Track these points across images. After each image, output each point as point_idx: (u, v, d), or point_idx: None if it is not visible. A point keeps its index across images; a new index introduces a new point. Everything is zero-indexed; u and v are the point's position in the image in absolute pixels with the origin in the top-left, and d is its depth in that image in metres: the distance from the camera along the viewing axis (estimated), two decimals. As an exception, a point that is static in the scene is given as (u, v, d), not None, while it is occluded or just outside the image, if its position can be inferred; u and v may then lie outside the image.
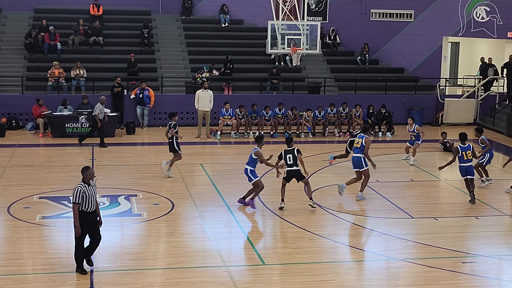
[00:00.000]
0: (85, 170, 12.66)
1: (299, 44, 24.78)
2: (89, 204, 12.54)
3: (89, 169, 12.69)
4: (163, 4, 34.64)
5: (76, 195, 12.45)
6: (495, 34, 31.12)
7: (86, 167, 12.73)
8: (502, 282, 13.09)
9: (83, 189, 12.48)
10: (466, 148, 17.84)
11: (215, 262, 13.52)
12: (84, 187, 12.51)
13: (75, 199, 12.45)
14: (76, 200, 12.45)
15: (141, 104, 27.49)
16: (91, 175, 12.65)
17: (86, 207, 12.53)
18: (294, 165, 16.89)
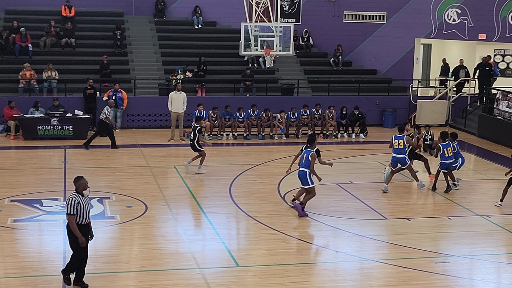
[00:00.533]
0: (78, 179, 11.87)
1: (272, 46, 24.77)
2: (83, 216, 11.80)
3: (82, 178, 11.89)
4: (136, 6, 34.51)
5: (70, 206, 11.65)
6: (466, 36, 31.38)
7: (79, 177, 11.96)
8: (474, 282, 13.19)
9: (77, 199, 11.70)
10: (447, 145, 18.62)
11: (188, 264, 13.48)
12: (78, 198, 11.73)
13: (71, 209, 11.64)
14: (72, 211, 11.64)
15: (114, 106, 27.29)
16: (84, 185, 11.84)
17: (80, 220, 11.80)
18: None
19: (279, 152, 24.33)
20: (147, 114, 28.16)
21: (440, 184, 19.22)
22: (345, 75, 32.28)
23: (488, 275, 13.55)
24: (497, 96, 26.83)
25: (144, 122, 28.13)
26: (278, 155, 23.68)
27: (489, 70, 29.76)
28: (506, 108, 26.02)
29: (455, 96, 30.52)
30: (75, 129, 25.49)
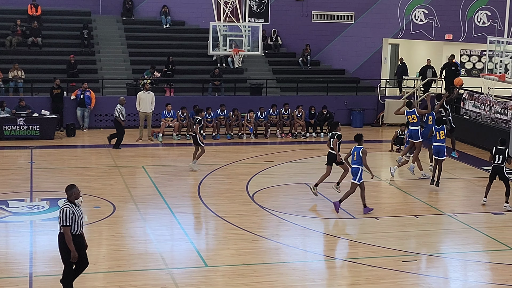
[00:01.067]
0: (70, 188, 11.41)
1: (241, 46, 24.76)
2: (77, 226, 11.35)
3: (74, 187, 11.43)
4: (103, 5, 34.27)
5: (66, 217, 11.16)
6: (433, 36, 31.65)
7: (71, 185, 11.49)
8: (442, 280, 13.30)
9: (71, 209, 11.23)
10: (440, 129, 19.09)
11: (157, 264, 13.42)
12: (72, 207, 11.27)
13: (67, 221, 11.16)
14: (68, 223, 11.16)
15: (82, 105, 27.10)
16: (77, 194, 11.41)
17: (75, 230, 11.34)
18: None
19: (248, 152, 24.33)
20: (115, 114, 27.97)
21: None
22: (313, 75, 32.38)
23: (455, 273, 13.68)
24: (463, 96, 27.08)
25: (112, 122, 27.89)
26: (247, 155, 23.68)
27: (455, 69, 30.02)
28: (473, 108, 26.28)
29: (422, 95, 30.74)
30: (41, 129, 25.24)
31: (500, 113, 24.59)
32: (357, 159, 16.92)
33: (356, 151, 16.97)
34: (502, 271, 13.64)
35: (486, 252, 14.81)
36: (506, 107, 24.31)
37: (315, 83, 31.49)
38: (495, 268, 13.86)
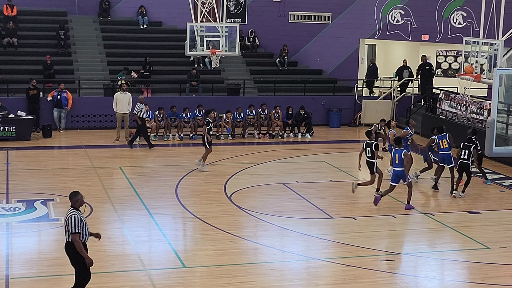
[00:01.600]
0: (75, 195, 11.14)
1: (218, 46, 24.76)
2: (85, 234, 11.14)
3: (78, 194, 11.17)
4: (80, 5, 34.08)
5: (75, 224, 10.89)
6: (410, 36, 31.82)
7: (76, 192, 11.21)
8: (419, 279, 13.38)
9: (79, 216, 10.97)
10: (442, 137, 19.14)
11: (135, 266, 13.38)
12: (79, 214, 11.01)
13: (76, 228, 10.90)
14: (77, 229, 10.89)
15: (59, 106, 26.92)
16: (81, 201, 11.18)
17: (83, 238, 11.13)
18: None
19: (225, 153, 24.31)
20: (92, 115, 27.85)
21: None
22: (291, 75, 32.42)
23: (432, 272, 13.76)
24: (440, 96, 27.26)
25: (89, 123, 27.82)
26: (224, 156, 23.66)
27: (429, 69, 30.24)
28: (449, 108, 26.45)
29: (399, 96, 30.93)
30: (18, 130, 25.05)
31: (476, 113, 24.78)
32: (399, 162, 17.37)
33: (398, 154, 17.42)
34: (479, 270, 13.75)
35: (463, 251, 14.91)
36: (481, 107, 24.49)
37: (293, 83, 31.55)
38: (472, 267, 13.97)
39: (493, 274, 13.51)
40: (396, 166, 17.54)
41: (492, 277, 13.39)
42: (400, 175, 17.46)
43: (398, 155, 17.38)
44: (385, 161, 20.49)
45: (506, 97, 20.33)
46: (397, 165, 17.47)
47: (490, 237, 15.64)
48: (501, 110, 22.40)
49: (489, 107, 23.79)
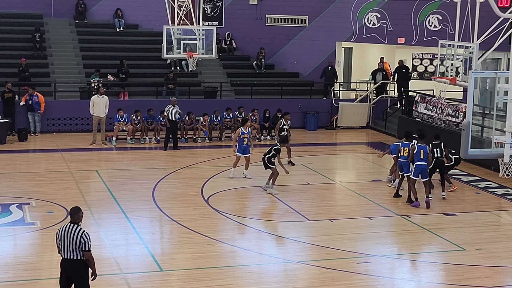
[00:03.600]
0: (78, 211, 10.89)
1: (195, 49, 24.72)
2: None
3: (81, 210, 10.95)
4: (56, 8, 33.85)
5: (90, 241, 10.69)
6: (386, 39, 31.99)
7: (78, 208, 10.99)
8: (395, 281, 13.44)
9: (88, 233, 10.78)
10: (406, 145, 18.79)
11: (111, 269, 13.31)
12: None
13: (90, 245, 10.71)
14: (91, 247, 10.75)
15: (31, 110, 26.67)
16: (82, 217, 10.95)
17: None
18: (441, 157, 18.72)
19: (202, 156, 24.28)
20: (68, 118, 27.69)
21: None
22: (267, 78, 32.45)
23: (409, 274, 13.84)
24: (415, 99, 27.41)
25: (65, 126, 27.65)
26: (201, 159, 23.63)
27: (406, 72, 30.41)
28: (425, 110, 26.60)
29: (375, 98, 31.07)
30: (-7, 133, 24.85)
31: (451, 115, 24.95)
32: (424, 157, 18.07)
33: (423, 150, 18.10)
34: (455, 272, 13.84)
35: (439, 253, 15.00)
36: (457, 109, 24.67)
37: (270, 86, 31.56)
38: (448, 268, 14.06)
39: (469, 276, 13.60)
40: (422, 160, 18.01)
41: (468, 278, 13.48)
42: (425, 170, 18.10)
43: (424, 151, 18.01)
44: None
45: (481, 99, 20.49)
46: (422, 159, 17.99)
47: (466, 239, 15.75)
48: (476, 112, 22.58)
49: (464, 110, 23.97)
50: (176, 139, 24.87)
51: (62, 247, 10.73)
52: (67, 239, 10.68)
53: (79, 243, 10.63)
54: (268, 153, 19.13)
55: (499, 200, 19.26)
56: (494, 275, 13.82)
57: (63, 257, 10.75)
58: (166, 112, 24.68)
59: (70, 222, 10.84)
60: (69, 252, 10.69)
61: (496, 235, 16.29)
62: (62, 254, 10.76)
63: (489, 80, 12.49)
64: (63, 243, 10.70)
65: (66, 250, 10.70)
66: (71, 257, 10.69)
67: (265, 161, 19.20)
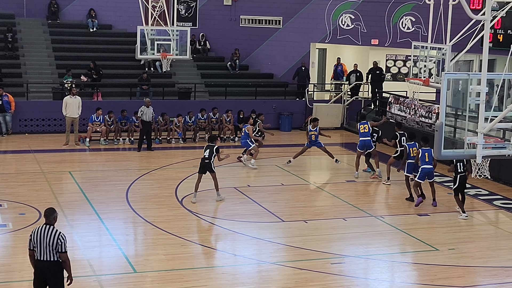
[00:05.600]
0: (53, 212, 10.81)
1: (169, 50, 24.65)
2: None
3: (56, 211, 10.90)
4: (28, 8, 33.55)
5: (66, 242, 10.62)
6: (360, 41, 32.13)
7: (53, 209, 10.89)
8: (369, 281, 13.50)
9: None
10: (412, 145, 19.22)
11: (85, 271, 13.21)
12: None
13: (67, 247, 10.64)
14: (67, 248, 10.69)
15: (2, 111, 26.39)
16: (56, 218, 10.86)
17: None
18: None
19: (177, 157, 24.21)
20: (41, 119, 27.47)
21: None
22: (242, 79, 32.45)
23: (382, 274, 13.89)
24: (389, 100, 27.55)
25: (37, 127, 27.44)
26: (176, 160, 23.56)
27: (379, 74, 30.57)
28: (398, 112, 26.74)
29: (349, 99, 31.19)
30: (-36, 134, 24.58)
31: (424, 116, 25.11)
32: (429, 160, 18.19)
33: (428, 153, 18.21)
34: (428, 271, 13.92)
35: (412, 253, 15.09)
36: (430, 110, 24.83)
37: (244, 87, 31.57)
38: (421, 268, 14.14)
39: (442, 276, 13.70)
40: (428, 164, 18.17)
41: (441, 278, 13.57)
42: (430, 173, 18.32)
43: (428, 154, 18.13)
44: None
45: (453, 101, 20.68)
46: (428, 163, 18.17)
47: (439, 239, 15.86)
48: (449, 113, 22.77)
49: (437, 111, 24.14)
50: (150, 140, 24.78)
51: (38, 248, 10.62)
52: (43, 241, 10.58)
53: (55, 244, 10.54)
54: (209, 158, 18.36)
55: (471, 200, 19.41)
56: (467, 275, 13.93)
57: (39, 258, 10.65)
58: (139, 113, 24.57)
59: (45, 224, 10.74)
60: (45, 254, 10.59)
61: (469, 235, 16.43)
62: (38, 255, 10.65)
63: (462, 81, 12.57)
64: (39, 245, 10.60)
65: (42, 251, 10.60)
66: (47, 259, 10.60)
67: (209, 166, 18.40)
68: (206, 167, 18.21)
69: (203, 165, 18.25)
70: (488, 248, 15.54)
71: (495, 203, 19.21)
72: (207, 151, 18.25)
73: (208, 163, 18.16)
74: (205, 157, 18.19)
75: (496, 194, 20.07)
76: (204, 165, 18.22)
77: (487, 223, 17.93)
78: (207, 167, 18.19)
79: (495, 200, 19.43)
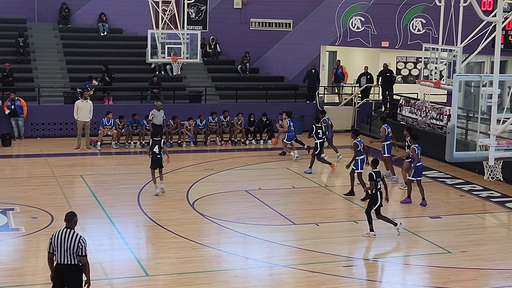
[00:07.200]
0: (74, 216, 10.94)
1: (180, 53, 24.68)
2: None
3: (76, 215, 11.00)
4: (39, 12, 33.70)
5: (86, 246, 10.74)
6: (370, 43, 32.08)
7: (74, 213, 11.03)
8: (381, 284, 13.47)
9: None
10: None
11: (97, 275, 13.23)
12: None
13: (87, 250, 10.74)
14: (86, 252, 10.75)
15: (14, 115, 26.50)
16: (77, 222, 10.96)
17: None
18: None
19: (188, 160, 24.23)
20: (52, 123, 27.56)
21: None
22: (252, 82, 32.45)
23: (394, 277, 13.86)
24: (400, 102, 27.50)
25: (49, 131, 27.52)
26: (187, 163, 23.58)
27: (389, 76, 30.52)
28: (409, 114, 26.68)
29: (360, 102, 31.14)
30: (-24, 139, 24.70)
31: (435, 118, 25.04)
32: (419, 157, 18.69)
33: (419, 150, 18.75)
34: (440, 274, 13.88)
35: (424, 255, 15.04)
36: (441, 113, 24.76)
37: (254, 90, 31.57)
38: (433, 271, 14.10)
39: (455, 278, 13.65)
40: (419, 161, 18.71)
41: (453, 281, 13.52)
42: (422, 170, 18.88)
43: (420, 151, 18.66)
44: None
45: (465, 102, 20.61)
46: (419, 160, 18.68)
47: (451, 242, 15.81)
48: (460, 115, 22.72)
49: (448, 113, 24.07)
50: None
51: (58, 252, 10.65)
52: (63, 244, 10.63)
53: (76, 248, 10.60)
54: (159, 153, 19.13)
55: (483, 202, 19.36)
56: (479, 278, 13.88)
57: (58, 262, 10.68)
58: (150, 116, 24.59)
59: (66, 227, 10.79)
60: (65, 257, 10.64)
61: (481, 238, 16.37)
62: (58, 259, 10.68)
63: (473, 83, 12.55)
64: (59, 248, 10.64)
65: (63, 255, 10.64)
66: (67, 262, 10.64)
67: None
68: (158, 162, 18.98)
69: (155, 160, 18.98)
70: (501, 250, 15.48)
71: (507, 205, 19.13)
72: (155, 147, 18.95)
73: (160, 158, 18.98)
74: (156, 152, 18.94)
75: (509, 196, 19.97)
76: (156, 160, 18.99)
77: (499, 225, 17.87)
78: (159, 162, 18.99)
79: (507, 202, 19.35)
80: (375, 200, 15.95)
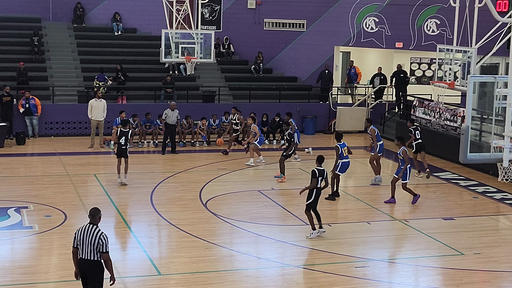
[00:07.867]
0: (98, 212, 10.95)
1: (193, 53, 24.72)
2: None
3: (100, 211, 11.02)
4: (54, 12, 33.86)
5: (108, 243, 10.79)
6: (384, 44, 32.03)
7: (98, 209, 11.02)
8: (394, 285, 13.44)
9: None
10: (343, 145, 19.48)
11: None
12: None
13: (108, 247, 10.79)
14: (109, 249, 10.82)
15: (29, 114, 26.62)
16: (100, 218, 11.01)
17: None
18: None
19: (201, 160, 24.26)
20: (66, 122, 27.68)
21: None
22: (265, 82, 32.47)
23: (407, 278, 13.81)
24: (414, 103, 27.43)
25: (63, 130, 27.64)
26: (200, 163, 23.62)
27: (403, 77, 30.45)
28: (423, 115, 26.61)
29: (373, 103, 31.09)
30: (-9, 137, 24.81)
31: (449, 120, 24.96)
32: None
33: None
34: (453, 276, 13.83)
35: (437, 257, 14.98)
36: (455, 114, 24.68)
37: (268, 90, 31.58)
38: (446, 273, 14.05)
39: (468, 280, 13.60)
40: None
41: (466, 283, 13.47)
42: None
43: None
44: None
45: (479, 104, 20.52)
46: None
47: (464, 243, 15.75)
48: (474, 117, 22.62)
49: (462, 114, 24.00)
50: (174, 143, 24.87)
51: (81, 247, 10.75)
52: (85, 239, 10.71)
53: (97, 244, 10.67)
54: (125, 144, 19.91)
55: (497, 204, 19.28)
56: (493, 280, 13.82)
57: (81, 257, 10.78)
58: (164, 116, 24.65)
59: (90, 223, 10.87)
60: (87, 253, 10.72)
61: (495, 240, 16.29)
62: (80, 254, 10.78)
63: (488, 84, 12.50)
64: (82, 243, 10.73)
65: (85, 250, 10.72)
66: (88, 258, 10.73)
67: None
68: (123, 153, 19.94)
69: (120, 151, 19.94)
70: (514, 252, 15.42)
71: (521, 207, 19.06)
72: (122, 138, 19.83)
73: (125, 149, 19.91)
74: (121, 144, 19.83)
75: (522, 198, 19.90)
76: (122, 151, 19.93)
77: (513, 228, 17.79)
78: (124, 152, 19.93)
79: (521, 204, 19.27)
80: (310, 196, 15.86)
